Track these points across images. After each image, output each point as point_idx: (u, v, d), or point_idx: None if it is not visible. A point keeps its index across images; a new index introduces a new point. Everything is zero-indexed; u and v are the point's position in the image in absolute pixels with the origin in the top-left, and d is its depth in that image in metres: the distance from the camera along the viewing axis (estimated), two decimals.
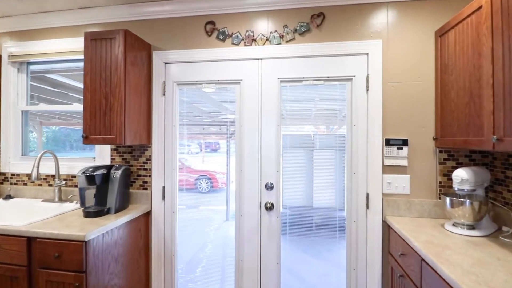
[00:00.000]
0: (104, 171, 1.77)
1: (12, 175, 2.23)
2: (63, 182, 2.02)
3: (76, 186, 2.10)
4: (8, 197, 2.12)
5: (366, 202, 1.77)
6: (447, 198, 1.45)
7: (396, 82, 1.74)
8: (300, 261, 1.94)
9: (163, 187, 1.98)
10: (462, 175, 1.40)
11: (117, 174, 1.78)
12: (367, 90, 1.77)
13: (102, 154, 2.06)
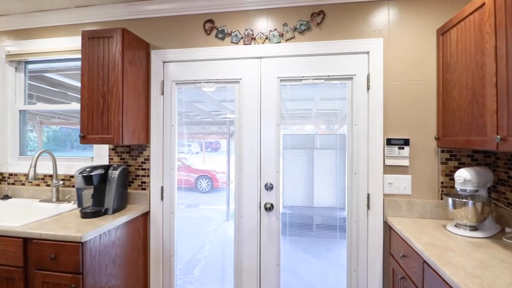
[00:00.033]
0: (101, 171, 1.75)
1: (10, 175, 2.21)
2: (61, 182, 2.00)
3: (74, 186, 2.08)
4: (5, 197, 2.10)
5: (367, 202, 1.75)
6: (450, 199, 1.42)
7: (397, 81, 1.72)
8: (300, 261, 1.91)
9: (162, 187, 1.96)
10: (465, 176, 1.38)
11: (115, 174, 1.76)
12: (368, 89, 1.74)
13: (100, 154, 2.04)
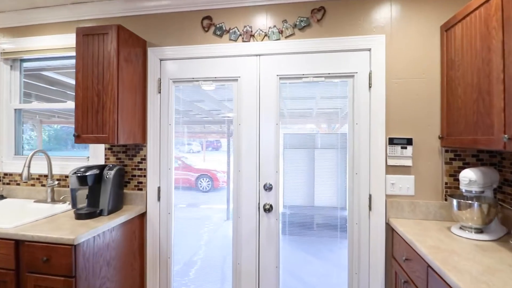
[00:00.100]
0: (96, 171, 1.71)
1: (4, 175, 2.17)
2: (56, 182, 1.97)
3: (69, 187, 2.04)
4: (0, 197, 2.07)
5: (369, 203, 1.70)
6: (454, 200, 1.38)
7: (399, 79, 1.67)
8: (300, 261, 1.87)
9: (159, 188, 1.92)
10: (470, 176, 1.33)
11: (110, 174, 1.72)
12: (370, 87, 1.70)
13: (96, 154, 2.00)
